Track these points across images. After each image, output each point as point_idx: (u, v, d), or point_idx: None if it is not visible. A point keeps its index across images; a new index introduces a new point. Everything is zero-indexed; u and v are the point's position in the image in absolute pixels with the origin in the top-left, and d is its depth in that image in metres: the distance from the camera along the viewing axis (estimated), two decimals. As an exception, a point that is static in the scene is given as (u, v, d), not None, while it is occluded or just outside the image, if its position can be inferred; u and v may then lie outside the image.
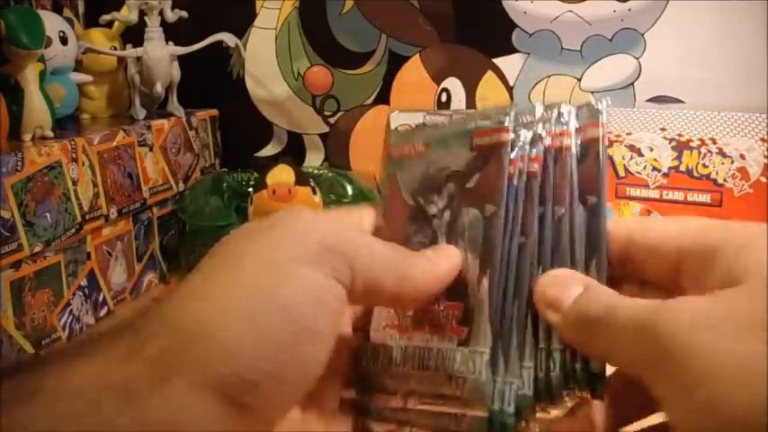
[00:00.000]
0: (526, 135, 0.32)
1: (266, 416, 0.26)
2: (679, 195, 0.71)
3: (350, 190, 0.84)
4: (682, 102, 0.83)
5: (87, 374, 0.24)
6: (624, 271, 0.30)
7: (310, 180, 0.79)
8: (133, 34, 0.83)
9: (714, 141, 0.69)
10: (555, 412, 0.30)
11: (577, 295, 0.28)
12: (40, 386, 0.23)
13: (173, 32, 0.83)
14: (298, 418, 0.30)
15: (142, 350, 0.24)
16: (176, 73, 0.84)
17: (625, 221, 0.33)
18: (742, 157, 0.68)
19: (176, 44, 0.83)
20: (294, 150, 0.94)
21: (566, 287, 0.29)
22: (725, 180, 0.69)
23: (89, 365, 0.24)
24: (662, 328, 0.24)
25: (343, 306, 0.27)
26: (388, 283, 0.29)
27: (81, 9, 0.94)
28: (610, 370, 0.30)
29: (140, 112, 0.82)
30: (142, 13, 0.82)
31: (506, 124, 0.32)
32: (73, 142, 0.64)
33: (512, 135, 0.32)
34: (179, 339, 0.24)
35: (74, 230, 0.64)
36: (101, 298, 0.69)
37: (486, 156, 0.32)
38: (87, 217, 0.65)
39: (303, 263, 0.26)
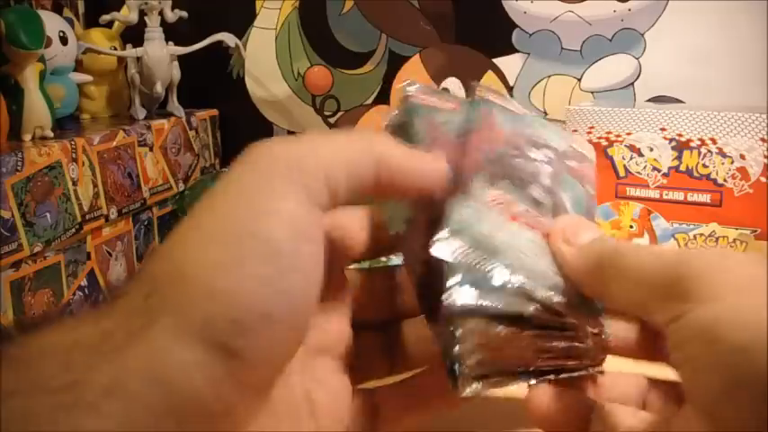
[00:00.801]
0: None
1: (261, 361, 0.24)
2: (679, 195, 0.71)
3: (350, 190, 0.83)
4: (682, 102, 0.83)
5: (56, 338, 0.23)
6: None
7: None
8: (133, 34, 0.83)
9: (714, 141, 0.69)
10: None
11: (592, 238, 0.29)
12: (4, 354, 0.22)
13: (173, 32, 0.83)
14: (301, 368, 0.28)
15: (114, 306, 0.23)
16: (176, 73, 0.84)
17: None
18: (742, 157, 0.68)
19: (176, 44, 0.83)
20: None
21: (582, 228, 0.30)
22: (725, 180, 0.69)
23: (59, 330, 0.23)
24: (688, 264, 0.24)
25: (321, 237, 0.26)
26: (366, 175, 0.27)
27: (81, 9, 0.94)
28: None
29: (140, 112, 0.82)
30: (142, 13, 0.82)
31: (593, 161, 0.35)
32: (73, 142, 0.64)
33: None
34: (155, 288, 0.23)
35: (74, 230, 0.64)
36: (101, 298, 0.69)
37: (582, 157, 0.35)
38: (87, 217, 0.65)
39: (277, 195, 0.25)
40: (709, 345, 0.22)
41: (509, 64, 0.88)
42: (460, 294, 0.27)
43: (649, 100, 0.84)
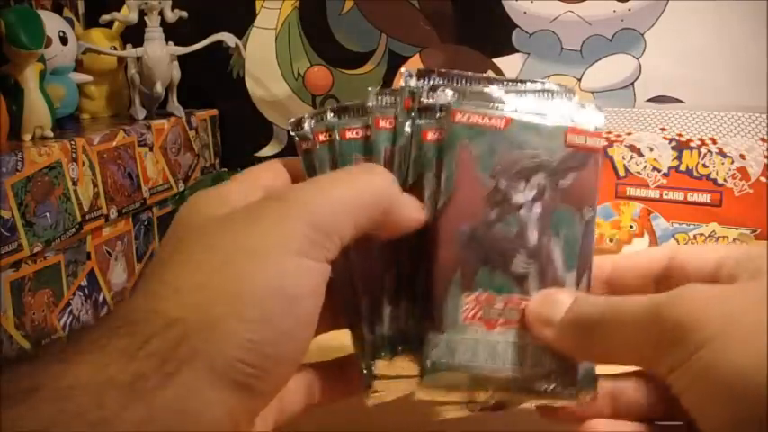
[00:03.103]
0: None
1: (272, 395, 0.28)
2: (679, 195, 0.71)
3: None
4: (682, 102, 0.83)
5: (87, 371, 0.24)
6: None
7: (310, 180, 0.79)
8: (133, 34, 0.83)
9: (714, 141, 0.69)
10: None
11: (569, 305, 0.29)
12: (38, 383, 0.23)
13: (173, 32, 0.83)
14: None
15: (144, 346, 0.25)
16: (176, 73, 0.84)
17: (606, 256, 0.34)
18: (742, 157, 0.68)
19: (176, 44, 0.83)
20: (294, 150, 0.94)
21: (554, 303, 0.30)
22: (725, 180, 0.69)
23: (88, 363, 0.24)
24: (675, 309, 0.25)
25: (326, 281, 0.29)
26: (372, 221, 0.29)
27: (81, 9, 0.94)
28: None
29: (140, 112, 0.82)
30: (142, 13, 0.82)
31: (602, 131, 0.32)
32: (73, 142, 0.64)
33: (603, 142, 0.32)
34: (187, 335, 0.25)
35: (74, 230, 0.64)
36: (101, 298, 0.69)
37: (582, 157, 0.32)
38: (87, 217, 0.65)
39: (300, 252, 0.27)
40: (710, 391, 0.23)
41: (509, 64, 0.88)
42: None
43: (649, 100, 0.84)
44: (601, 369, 0.31)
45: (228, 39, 0.86)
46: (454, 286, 0.30)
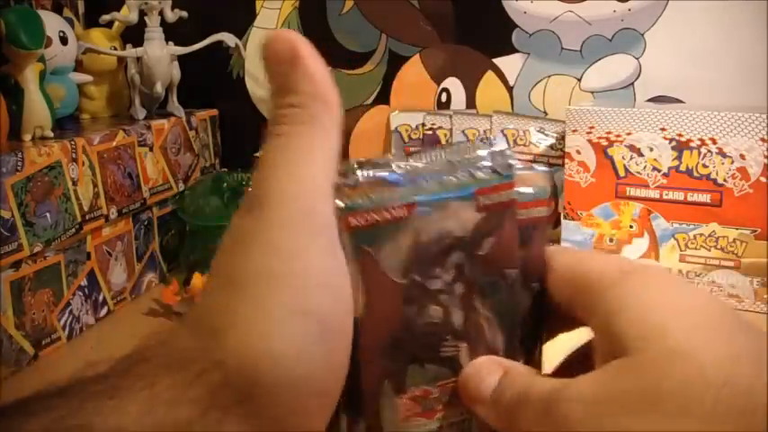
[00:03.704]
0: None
1: (307, 428, 0.26)
2: (679, 195, 0.71)
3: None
4: (682, 102, 0.83)
5: (135, 412, 0.24)
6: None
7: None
8: (133, 34, 0.83)
9: (714, 141, 0.69)
10: None
11: (497, 383, 0.29)
12: (87, 422, 0.23)
13: (173, 32, 0.83)
14: None
15: (189, 390, 0.24)
16: (176, 73, 0.84)
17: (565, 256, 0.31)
18: (742, 157, 0.68)
19: (176, 44, 0.83)
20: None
21: (484, 378, 0.29)
22: (725, 180, 0.69)
23: (136, 402, 0.24)
24: (560, 411, 0.25)
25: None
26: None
27: (81, 9, 0.94)
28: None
29: (140, 112, 0.82)
30: (142, 13, 0.82)
31: (513, 178, 0.29)
32: (73, 142, 0.64)
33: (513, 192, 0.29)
34: (226, 379, 0.24)
35: (74, 230, 0.64)
36: (101, 298, 0.69)
37: (497, 217, 0.29)
38: (87, 217, 0.65)
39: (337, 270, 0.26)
40: None
41: (509, 64, 0.88)
42: None
43: (649, 100, 0.84)
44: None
45: (228, 39, 0.86)
46: (385, 396, 0.29)
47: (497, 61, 0.88)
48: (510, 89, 0.88)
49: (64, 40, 0.75)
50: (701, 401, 0.22)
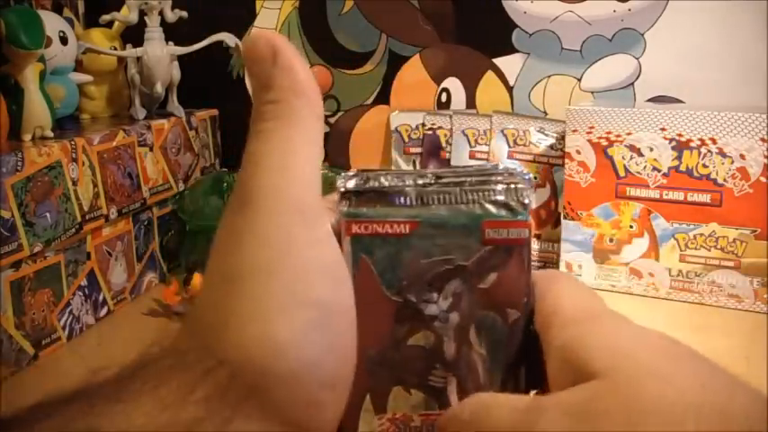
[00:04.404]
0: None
1: (324, 428, 0.26)
2: (679, 195, 0.71)
3: (350, 190, 0.83)
4: (682, 102, 0.83)
5: (142, 415, 0.24)
6: None
7: (310, 180, 0.79)
8: (133, 34, 0.83)
9: (714, 141, 0.69)
10: None
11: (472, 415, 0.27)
12: (95, 426, 0.23)
13: (173, 32, 0.83)
14: None
15: (195, 390, 0.24)
16: (176, 73, 0.84)
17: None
18: (742, 157, 0.68)
19: (176, 44, 0.83)
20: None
21: (452, 419, 0.28)
22: (725, 180, 0.69)
23: (143, 405, 0.24)
24: (544, 420, 0.23)
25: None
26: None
27: (81, 9, 0.94)
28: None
29: (140, 112, 0.82)
30: (142, 13, 0.82)
31: (527, 218, 0.28)
32: (73, 142, 0.64)
33: (529, 232, 0.28)
34: (236, 376, 0.24)
35: (74, 230, 0.64)
36: (101, 298, 0.69)
37: (503, 253, 0.28)
38: (87, 217, 0.65)
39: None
40: None
41: (509, 64, 0.88)
42: None
43: (649, 100, 0.84)
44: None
45: (228, 39, 0.86)
46: (365, 413, 0.28)
47: (497, 61, 0.88)
48: (510, 89, 0.88)
49: (64, 40, 0.75)
50: (682, 421, 0.22)
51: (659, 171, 0.72)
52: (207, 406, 0.24)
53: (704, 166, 0.70)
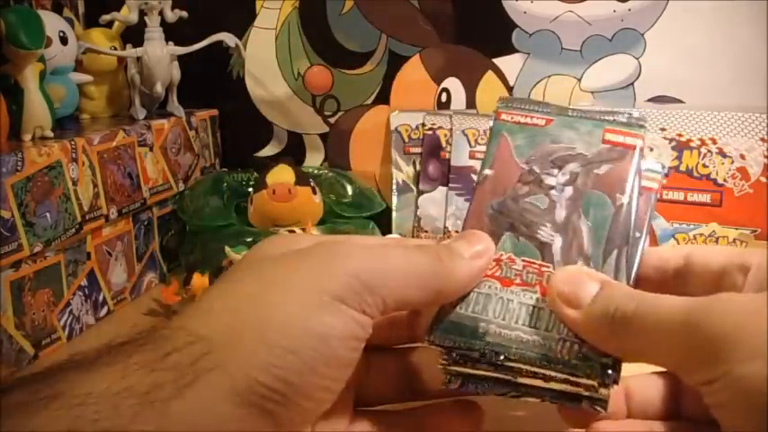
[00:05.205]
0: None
1: (296, 425, 0.27)
2: (679, 195, 0.71)
3: (350, 190, 0.84)
4: (682, 102, 0.83)
5: (106, 380, 0.24)
6: (662, 288, 0.31)
7: (310, 180, 0.79)
8: (133, 34, 0.83)
9: (714, 141, 0.69)
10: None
11: (596, 293, 0.29)
12: (58, 391, 0.24)
13: (173, 32, 0.83)
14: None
15: (165, 359, 0.25)
16: (176, 73, 0.84)
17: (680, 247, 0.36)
18: (742, 157, 0.68)
19: (176, 44, 0.83)
20: (294, 150, 0.94)
21: (582, 284, 0.30)
22: (725, 180, 0.69)
23: (108, 372, 0.25)
24: (710, 321, 0.24)
25: (367, 335, 0.29)
26: (421, 299, 0.30)
27: (81, 9, 0.94)
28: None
29: (140, 112, 0.82)
30: (142, 13, 0.82)
31: (640, 132, 0.35)
32: (73, 142, 0.64)
33: (642, 143, 0.34)
34: (210, 350, 0.25)
35: (74, 230, 0.64)
36: (101, 298, 0.69)
37: (619, 152, 0.34)
38: (87, 217, 0.65)
39: (336, 296, 0.27)
40: (748, 409, 0.23)
41: (509, 64, 0.88)
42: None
43: (649, 100, 0.84)
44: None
45: (228, 39, 0.86)
46: None
47: (497, 61, 0.88)
48: (510, 89, 0.88)
49: (64, 40, 0.75)
50: None
51: (659, 171, 0.72)
52: (171, 372, 0.25)
53: (704, 166, 0.70)
